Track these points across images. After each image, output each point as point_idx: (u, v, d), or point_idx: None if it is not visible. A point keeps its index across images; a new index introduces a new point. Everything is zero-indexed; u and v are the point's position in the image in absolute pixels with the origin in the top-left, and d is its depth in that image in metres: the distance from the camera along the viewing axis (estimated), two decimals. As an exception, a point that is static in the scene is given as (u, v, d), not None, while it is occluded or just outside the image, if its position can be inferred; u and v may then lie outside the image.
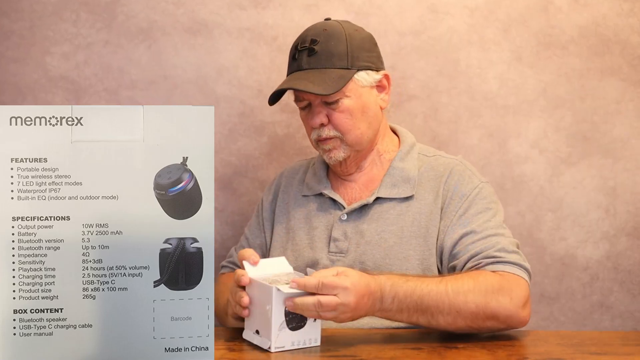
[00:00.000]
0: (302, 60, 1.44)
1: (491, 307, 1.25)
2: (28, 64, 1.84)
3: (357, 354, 1.17)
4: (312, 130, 1.47)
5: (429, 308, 1.24)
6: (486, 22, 1.84)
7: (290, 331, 1.17)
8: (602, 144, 1.85)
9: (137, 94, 1.85)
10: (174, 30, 1.84)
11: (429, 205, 1.43)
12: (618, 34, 1.84)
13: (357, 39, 1.46)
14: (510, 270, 1.31)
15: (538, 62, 1.84)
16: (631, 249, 1.86)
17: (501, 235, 1.37)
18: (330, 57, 1.43)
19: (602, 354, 1.20)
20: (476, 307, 1.24)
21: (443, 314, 1.24)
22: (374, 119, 1.48)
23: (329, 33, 1.45)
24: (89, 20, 1.84)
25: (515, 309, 1.27)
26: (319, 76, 1.41)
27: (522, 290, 1.30)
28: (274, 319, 1.15)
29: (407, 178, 1.46)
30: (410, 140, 1.54)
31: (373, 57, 1.48)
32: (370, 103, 1.46)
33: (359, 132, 1.45)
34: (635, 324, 1.87)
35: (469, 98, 1.85)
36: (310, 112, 1.47)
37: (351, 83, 1.43)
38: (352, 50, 1.44)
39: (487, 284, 1.27)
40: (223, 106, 1.85)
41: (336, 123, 1.44)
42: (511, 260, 1.33)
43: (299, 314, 1.17)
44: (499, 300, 1.26)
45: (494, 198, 1.45)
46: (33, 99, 1.84)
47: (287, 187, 1.60)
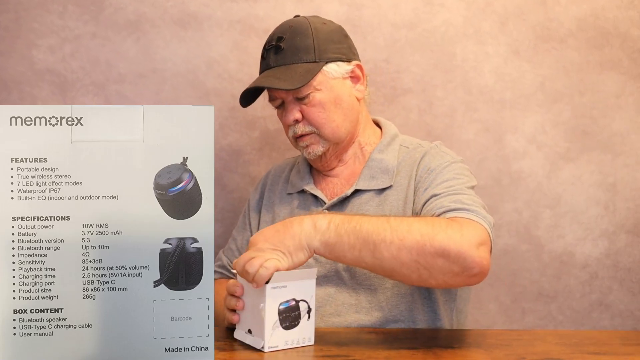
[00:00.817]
0: (269, 59, 1.45)
1: (439, 240, 1.15)
2: (13, 57, 1.80)
3: (350, 353, 1.16)
4: (289, 128, 1.47)
5: (369, 236, 1.16)
6: (482, 14, 1.82)
7: (283, 330, 1.16)
8: (601, 139, 1.83)
9: (125, 87, 1.82)
10: (163, 22, 1.81)
11: (404, 191, 1.41)
12: (617, 26, 1.81)
13: (324, 32, 1.45)
14: (465, 216, 1.22)
15: (536, 56, 1.82)
16: (631, 246, 1.84)
17: (464, 194, 1.29)
18: (297, 52, 1.42)
19: (601, 353, 1.19)
20: (421, 237, 1.15)
21: (386, 242, 1.16)
22: (349, 110, 1.46)
23: (294, 29, 1.44)
24: (76, 12, 1.80)
25: (468, 245, 1.15)
26: (285, 72, 1.41)
27: (476, 230, 1.19)
28: (267, 317, 1.15)
29: (386, 169, 1.45)
30: (392, 132, 1.52)
31: (343, 48, 1.47)
32: (343, 95, 1.45)
33: (334, 124, 1.44)
34: (635, 323, 1.85)
35: (464, 92, 1.83)
36: (284, 109, 1.47)
37: (320, 76, 1.42)
38: (319, 44, 1.43)
39: (434, 220, 1.19)
40: (213, 100, 1.82)
41: (310, 118, 1.43)
42: (467, 208, 1.24)
43: (293, 314, 1.17)
44: (447, 233, 1.16)
45: (465, 172, 1.38)
46: (18, 93, 1.80)
47: (273, 186, 1.59)
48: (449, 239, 1.15)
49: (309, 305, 1.19)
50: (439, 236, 1.15)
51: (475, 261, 1.16)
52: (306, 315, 1.19)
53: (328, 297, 1.39)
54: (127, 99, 1.81)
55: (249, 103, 1.51)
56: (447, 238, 1.15)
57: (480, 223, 1.21)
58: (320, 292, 1.39)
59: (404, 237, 1.16)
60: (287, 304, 1.17)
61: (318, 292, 1.39)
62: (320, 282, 1.40)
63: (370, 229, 1.17)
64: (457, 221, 1.20)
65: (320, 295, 1.39)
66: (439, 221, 1.19)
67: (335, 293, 1.39)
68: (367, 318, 1.36)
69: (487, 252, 1.19)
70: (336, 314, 1.38)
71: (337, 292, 1.39)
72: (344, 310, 1.37)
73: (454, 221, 1.20)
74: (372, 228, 1.17)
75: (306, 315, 1.19)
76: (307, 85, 1.41)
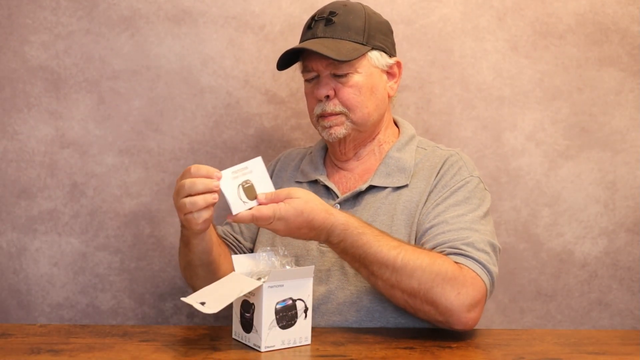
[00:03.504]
0: (317, 29, 1.42)
1: (433, 293, 1.22)
2: (5, 53, 1.78)
3: (347, 353, 1.16)
4: (317, 103, 1.43)
5: (371, 265, 1.25)
6: (480, 10, 1.80)
7: (280, 330, 1.15)
8: (600, 136, 1.82)
9: (119, 84, 1.80)
10: (157, 18, 1.79)
11: (419, 194, 1.40)
12: (617, 22, 1.80)
13: (375, 19, 1.46)
14: (472, 267, 1.26)
15: (534, 52, 1.80)
16: (631, 245, 1.82)
17: (474, 231, 1.31)
18: (347, 30, 1.41)
19: (601, 353, 1.18)
20: (418, 286, 1.22)
21: (383, 278, 1.25)
22: (381, 102, 1.45)
23: (348, 8, 1.44)
24: (70, 8, 1.78)
25: (459, 307, 1.22)
26: (333, 44, 1.39)
27: (475, 290, 1.24)
28: (264, 317, 1.13)
29: (403, 168, 1.44)
30: (410, 132, 1.51)
31: (388, 42, 1.47)
32: (379, 86, 1.44)
33: (367, 110, 1.42)
34: (634, 322, 1.84)
35: (462, 89, 1.81)
36: (317, 83, 1.43)
37: (364, 59, 1.41)
38: (369, 28, 1.42)
39: (441, 268, 1.23)
40: (208, 97, 1.80)
41: (344, 98, 1.41)
42: (476, 257, 1.27)
43: (289, 313, 1.15)
44: (444, 289, 1.22)
45: (480, 194, 1.39)
46: (11, 90, 1.78)
47: (281, 172, 1.58)
48: (443, 295, 1.22)
49: (305, 305, 1.17)
50: (435, 289, 1.22)
51: (461, 321, 1.23)
52: (303, 314, 1.17)
53: (329, 295, 1.37)
54: (121, 95, 1.79)
55: (285, 67, 1.47)
56: (441, 293, 1.22)
57: (482, 279, 1.25)
58: (322, 288, 1.38)
59: (401, 280, 1.23)
60: (283, 303, 1.15)
61: (320, 288, 1.38)
62: (323, 277, 1.38)
63: (374, 262, 1.24)
64: (461, 275, 1.23)
65: (321, 292, 1.37)
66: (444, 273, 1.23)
67: (337, 290, 1.37)
68: (368, 318, 1.34)
69: (478, 312, 1.25)
70: (337, 312, 1.36)
71: (339, 289, 1.37)
72: (345, 309, 1.36)
73: (457, 273, 1.23)
74: (375, 258, 1.24)
75: (303, 314, 1.17)
76: (350, 64, 1.39)
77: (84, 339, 1.22)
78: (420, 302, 1.23)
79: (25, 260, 1.80)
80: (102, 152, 1.80)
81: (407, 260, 1.22)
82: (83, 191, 1.80)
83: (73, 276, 1.81)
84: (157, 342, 1.20)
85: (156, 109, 1.80)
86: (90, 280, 1.82)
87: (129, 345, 1.19)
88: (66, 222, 1.80)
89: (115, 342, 1.20)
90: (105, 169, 1.80)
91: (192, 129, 1.81)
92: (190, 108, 1.80)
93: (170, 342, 1.21)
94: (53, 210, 1.80)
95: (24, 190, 1.80)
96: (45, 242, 1.80)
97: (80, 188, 1.80)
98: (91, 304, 1.82)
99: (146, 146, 1.80)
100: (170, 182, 1.81)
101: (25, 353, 1.14)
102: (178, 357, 1.13)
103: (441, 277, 1.21)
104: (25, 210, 1.80)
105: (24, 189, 1.80)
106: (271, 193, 1.22)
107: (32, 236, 1.80)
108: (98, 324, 1.66)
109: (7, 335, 1.24)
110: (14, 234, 1.80)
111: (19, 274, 1.81)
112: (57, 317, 1.81)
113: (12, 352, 1.15)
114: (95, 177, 1.80)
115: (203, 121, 1.80)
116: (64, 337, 1.23)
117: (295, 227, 1.22)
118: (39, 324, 1.34)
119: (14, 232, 1.80)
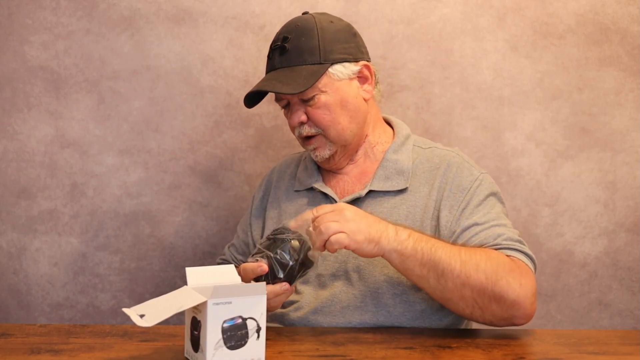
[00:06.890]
0: (275, 60, 1.43)
1: (500, 286, 1.22)
2: (5, 53, 1.78)
3: (347, 353, 1.15)
4: (295, 128, 1.45)
5: (440, 262, 1.23)
6: (480, 10, 1.80)
7: (228, 350, 1.06)
8: (600, 136, 1.82)
9: (119, 84, 1.80)
10: (157, 18, 1.79)
11: (424, 199, 1.39)
12: (617, 22, 1.80)
13: (330, 31, 1.42)
14: (522, 258, 1.28)
15: (534, 52, 1.80)
16: (631, 245, 1.82)
17: (504, 226, 1.34)
18: (301, 54, 1.40)
19: (601, 353, 1.18)
20: (485, 279, 1.22)
21: (453, 274, 1.22)
22: (355, 112, 1.43)
23: (300, 29, 1.42)
24: (70, 8, 1.78)
25: (524, 298, 1.23)
26: (289, 75, 1.39)
27: (532, 280, 1.26)
28: (209, 336, 1.05)
29: (401, 170, 1.43)
30: (404, 132, 1.50)
31: (350, 48, 1.43)
32: (349, 96, 1.42)
33: (340, 127, 1.42)
34: (634, 322, 1.84)
35: (462, 89, 1.81)
36: (289, 110, 1.44)
37: (325, 78, 1.40)
38: (324, 45, 1.40)
39: (499, 260, 1.25)
40: (208, 97, 1.80)
41: (315, 120, 1.41)
42: (520, 249, 1.30)
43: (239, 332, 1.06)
44: (509, 281, 1.23)
45: (495, 188, 1.42)
46: (11, 90, 1.78)
47: (279, 182, 1.56)
48: (509, 287, 1.22)
49: (258, 324, 1.08)
50: (501, 282, 1.22)
51: (527, 313, 1.24)
52: (255, 334, 1.08)
53: (333, 298, 1.36)
54: (121, 95, 1.79)
55: (255, 104, 1.48)
56: (507, 286, 1.22)
57: (532, 270, 1.28)
58: (326, 292, 1.37)
59: (470, 275, 1.22)
60: (232, 321, 1.06)
61: (324, 291, 1.37)
62: (327, 281, 1.38)
63: (443, 256, 1.23)
64: (517, 266, 1.25)
65: (325, 295, 1.37)
66: (504, 265, 1.24)
67: (341, 294, 1.36)
68: (372, 322, 1.33)
69: (536, 303, 1.26)
70: (341, 315, 1.35)
71: (343, 292, 1.36)
72: (349, 312, 1.35)
73: (513, 265, 1.25)
74: (444, 256, 1.23)
75: (255, 334, 1.08)
76: (312, 87, 1.38)
77: (84, 339, 1.22)
78: (488, 299, 1.23)
79: (25, 260, 1.80)
80: (102, 152, 1.80)
81: (469, 254, 1.24)
82: (83, 191, 1.80)
83: (73, 276, 1.81)
84: (157, 342, 1.20)
85: (156, 109, 1.80)
86: (90, 280, 1.82)
87: (129, 345, 1.19)
88: (66, 222, 1.80)
89: (115, 342, 1.20)
90: (105, 169, 1.80)
91: (192, 129, 1.81)
92: (190, 108, 1.80)
93: (170, 342, 1.21)
94: (53, 210, 1.80)
95: (24, 190, 1.80)
96: (45, 242, 1.80)
97: (80, 188, 1.80)
98: (91, 304, 1.82)
99: (146, 146, 1.80)
100: (170, 182, 1.81)
101: (25, 353, 1.14)
102: (178, 357, 1.13)
103: (502, 268, 1.23)
104: (25, 210, 1.80)
105: (24, 189, 1.80)
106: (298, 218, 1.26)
107: (32, 236, 1.80)
108: (98, 324, 1.65)
109: (7, 335, 1.24)
110: (14, 234, 1.80)
111: (19, 274, 1.81)
112: (57, 317, 1.81)
113: (12, 352, 1.15)
114: (95, 177, 1.80)
115: (203, 121, 1.80)
116: (64, 337, 1.23)
117: (363, 214, 1.23)
118: (39, 324, 1.34)
119: (14, 232, 1.80)
